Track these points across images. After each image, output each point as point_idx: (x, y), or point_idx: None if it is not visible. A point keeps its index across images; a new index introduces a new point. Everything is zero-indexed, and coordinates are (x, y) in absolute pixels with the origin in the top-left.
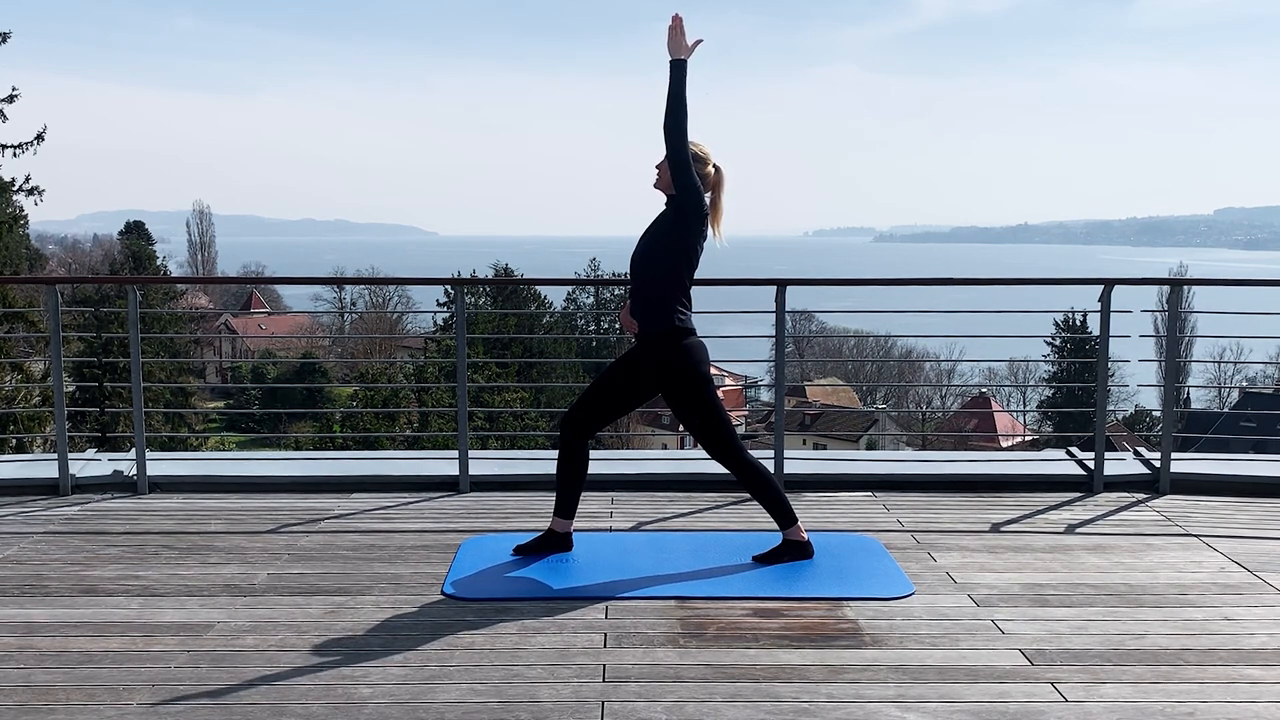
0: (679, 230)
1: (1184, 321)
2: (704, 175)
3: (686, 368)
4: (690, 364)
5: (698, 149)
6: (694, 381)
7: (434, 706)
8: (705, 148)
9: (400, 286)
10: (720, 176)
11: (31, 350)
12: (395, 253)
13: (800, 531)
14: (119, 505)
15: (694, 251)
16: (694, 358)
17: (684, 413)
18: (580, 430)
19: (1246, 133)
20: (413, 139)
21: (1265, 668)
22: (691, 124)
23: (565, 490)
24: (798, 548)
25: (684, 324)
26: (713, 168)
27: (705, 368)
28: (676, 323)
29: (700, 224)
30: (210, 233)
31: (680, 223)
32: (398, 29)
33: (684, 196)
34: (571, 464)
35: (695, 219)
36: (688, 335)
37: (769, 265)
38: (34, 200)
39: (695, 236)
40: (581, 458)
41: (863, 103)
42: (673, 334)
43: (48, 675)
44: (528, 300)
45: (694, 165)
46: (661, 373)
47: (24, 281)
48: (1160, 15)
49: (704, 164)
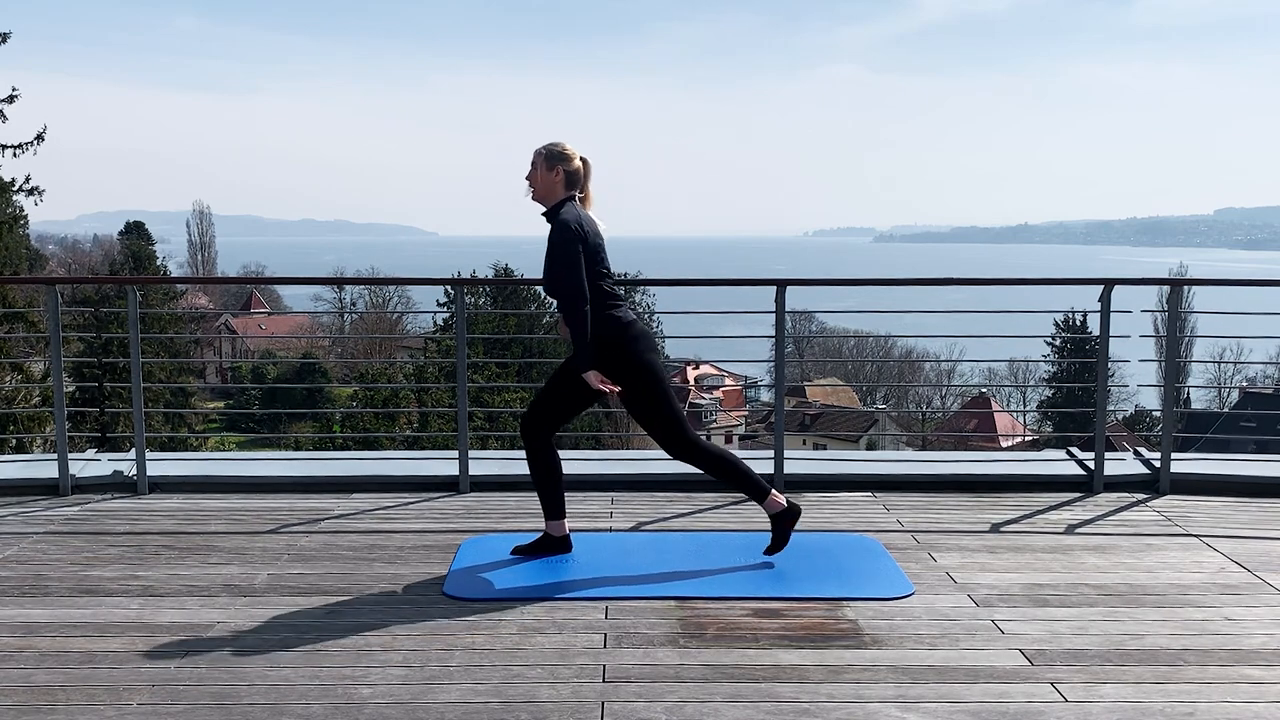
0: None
1: (1184, 321)
2: (573, 171)
3: (621, 360)
4: (624, 356)
5: (561, 148)
6: (631, 371)
7: (434, 706)
8: (568, 146)
9: (400, 286)
10: (588, 167)
11: (31, 350)
12: (395, 253)
13: (778, 497)
14: (119, 505)
15: (588, 259)
16: (627, 350)
17: (628, 398)
18: (537, 433)
19: (1246, 133)
20: (413, 139)
21: (1265, 668)
22: (693, 121)
23: (545, 492)
24: (786, 516)
25: (610, 325)
26: (579, 161)
27: (643, 357)
28: (603, 330)
29: (581, 249)
30: (210, 233)
31: (562, 247)
32: (398, 29)
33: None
34: (541, 466)
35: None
36: (617, 332)
37: (769, 265)
38: (34, 200)
39: (583, 254)
40: (548, 459)
41: (863, 103)
42: (600, 339)
43: (48, 675)
44: (528, 300)
45: (561, 163)
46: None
47: (24, 281)
48: (1160, 15)
49: (570, 160)
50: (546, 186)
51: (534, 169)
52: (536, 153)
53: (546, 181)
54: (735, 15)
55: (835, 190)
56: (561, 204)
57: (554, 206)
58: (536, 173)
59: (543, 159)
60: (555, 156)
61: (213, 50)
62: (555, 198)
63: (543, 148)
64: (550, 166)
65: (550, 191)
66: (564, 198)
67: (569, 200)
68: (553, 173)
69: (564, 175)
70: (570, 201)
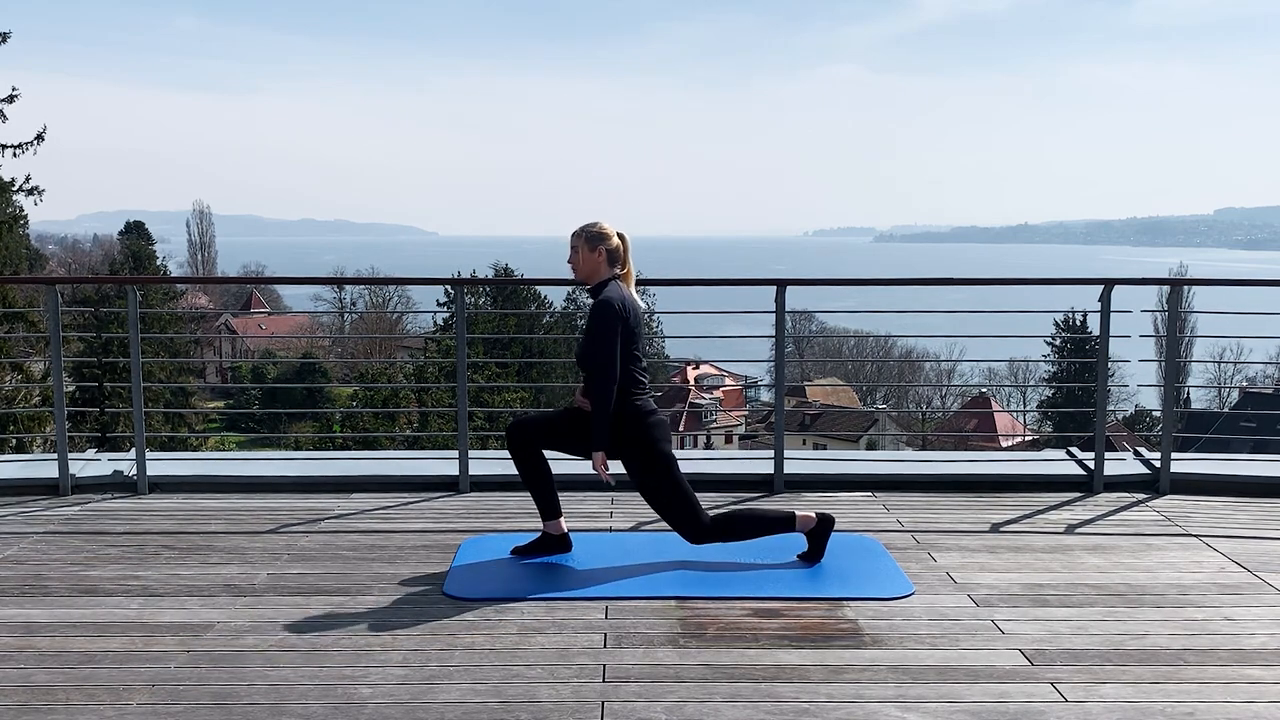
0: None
1: (1184, 321)
2: (613, 249)
3: (635, 445)
4: (639, 442)
5: (600, 228)
6: (643, 457)
7: (434, 706)
8: (606, 225)
9: (400, 286)
10: (626, 243)
11: (31, 350)
12: (395, 253)
13: (806, 516)
14: (119, 505)
15: (624, 341)
16: (644, 437)
17: (637, 481)
18: (523, 444)
19: (1246, 133)
20: (413, 139)
21: (1265, 668)
22: (693, 121)
23: (537, 494)
24: (821, 532)
25: (630, 408)
26: (617, 238)
27: (657, 446)
28: (623, 412)
29: (619, 330)
30: (210, 233)
31: (601, 326)
32: (398, 29)
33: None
34: (529, 469)
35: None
36: (636, 419)
37: (769, 265)
38: (34, 200)
39: (620, 336)
40: (535, 461)
41: (863, 103)
42: (621, 417)
43: (48, 675)
44: (528, 300)
45: (601, 243)
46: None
47: (24, 281)
48: (1160, 15)
49: (609, 239)
50: (590, 267)
51: (575, 252)
52: (576, 235)
53: (590, 262)
54: (735, 15)
55: (835, 190)
56: (606, 283)
57: (599, 285)
58: (579, 255)
59: (584, 241)
60: (595, 238)
61: (213, 50)
62: (600, 276)
63: (581, 230)
64: (592, 248)
65: (594, 271)
66: (608, 277)
67: (613, 280)
68: (595, 253)
69: (605, 254)
70: (615, 281)
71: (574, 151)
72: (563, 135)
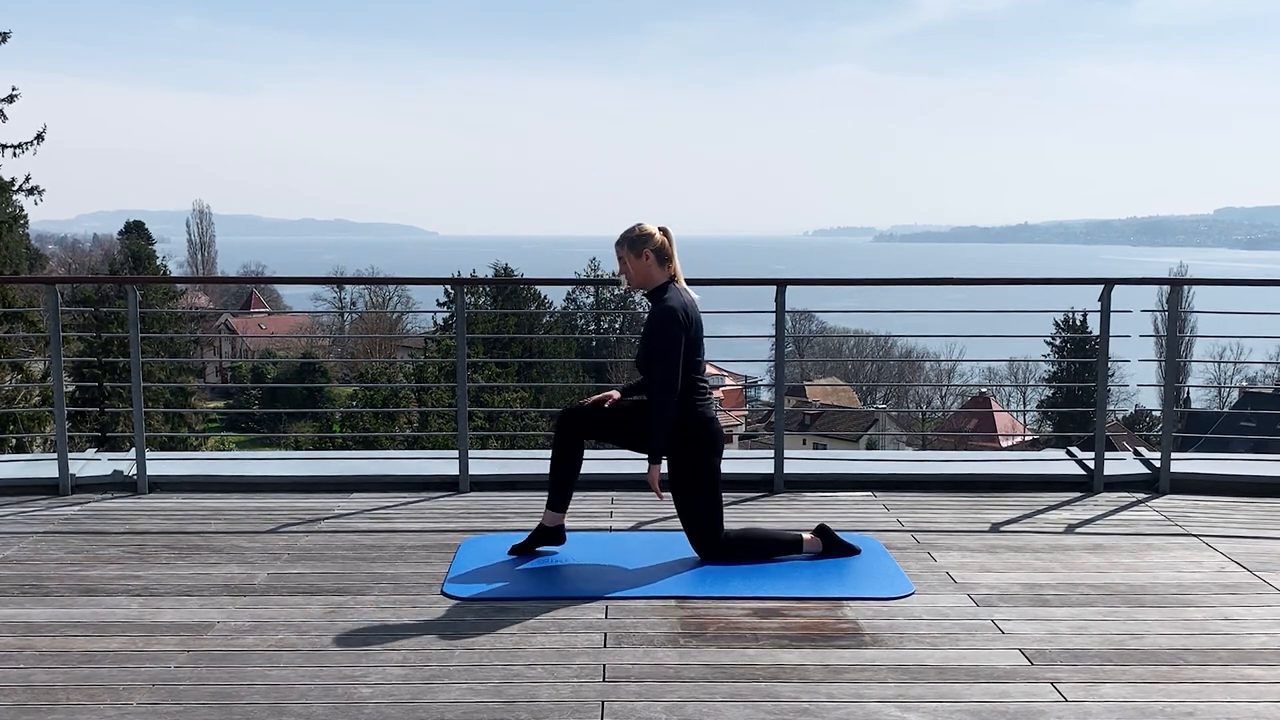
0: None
1: (1184, 321)
2: (659, 248)
3: (687, 449)
4: (693, 449)
5: (640, 230)
6: (691, 463)
7: (434, 706)
8: (645, 225)
9: (400, 286)
10: (669, 236)
11: (31, 350)
12: (395, 253)
13: (814, 539)
14: (119, 505)
15: (687, 349)
16: (700, 444)
17: (676, 481)
18: (578, 433)
19: (1246, 133)
20: (412, 139)
21: (1265, 668)
22: (693, 121)
23: (558, 484)
24: (827, 538)
25: (691, 414)
26: (660, 234)
27: (708, 458)
28: (684, 418)
29: (683, 338)
30: (210, 233)
31: (664, 334)
32: (398, 29)
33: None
34: (567, 461)
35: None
36: (696, 426)
37: (769, 265)
38: (34, 200)
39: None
40: (576, 454)
41: (863, 103)
42: (683, 422)
43: (48, 675)
44: (528, 300)
45: (646, 245)
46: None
47: (24, 281)
48: (1160, 15)
49: (652, 239)
50: (643, 273)
51: (623, 262)
52: (618, 245)
53: (640, 269)
54: (735, 15)
55: (835, 190)
56: (665, 287)
57: (657, 290)
58: (627, 265)
59: (628, 249)
60: (637, 241)
61: (213, 50)
62: (655, 280)
63: (622, 238)
64: (638, 253)
65: (648, 276)
66: (665, 280)
67: (672, 282)
68: (642, 258)
69: (653, 256)
70: (673, 284)
71: (574, 151)
72: (563, 135)
